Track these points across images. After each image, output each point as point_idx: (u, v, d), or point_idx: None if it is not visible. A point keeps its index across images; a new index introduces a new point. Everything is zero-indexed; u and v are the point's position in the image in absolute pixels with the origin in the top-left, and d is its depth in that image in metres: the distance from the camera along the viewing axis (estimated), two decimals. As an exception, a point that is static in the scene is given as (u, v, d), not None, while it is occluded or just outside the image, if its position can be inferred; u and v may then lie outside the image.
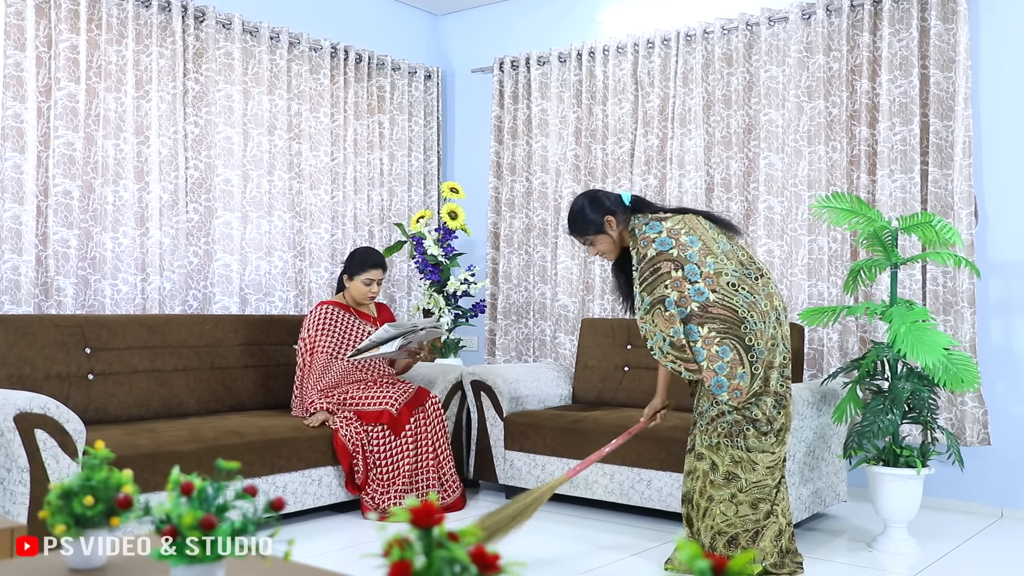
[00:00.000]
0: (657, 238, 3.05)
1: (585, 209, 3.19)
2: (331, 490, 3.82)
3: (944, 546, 3.52)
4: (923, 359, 3.16)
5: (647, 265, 3.04)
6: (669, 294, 2.96)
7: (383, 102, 5.44)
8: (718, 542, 3.02)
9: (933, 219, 3.32)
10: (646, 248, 3.05)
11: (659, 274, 3.00)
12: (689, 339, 2.93)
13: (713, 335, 2.91)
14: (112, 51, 4.21)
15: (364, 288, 4.15)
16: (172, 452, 3.26)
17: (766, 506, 3.01)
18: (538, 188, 5.34)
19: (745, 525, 3.00)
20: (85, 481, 1.27)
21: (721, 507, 3.00)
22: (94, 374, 3.69)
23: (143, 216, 4.31)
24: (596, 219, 3.17)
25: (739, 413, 2.98)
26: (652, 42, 4.91)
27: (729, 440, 3.00)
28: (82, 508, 1.25)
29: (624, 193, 3.25)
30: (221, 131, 4.59)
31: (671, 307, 2.95)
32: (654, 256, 3.02)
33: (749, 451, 2.99)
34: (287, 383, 4.34)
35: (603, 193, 3.24)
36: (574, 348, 5.11)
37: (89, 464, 1.29)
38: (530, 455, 4.15)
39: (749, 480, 2.99)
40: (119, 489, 1.28)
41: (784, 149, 4.48)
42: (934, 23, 4.10)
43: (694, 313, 2.92)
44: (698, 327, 2.92)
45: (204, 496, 1.13)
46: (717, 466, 3.02)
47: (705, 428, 3.05)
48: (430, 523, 0.90)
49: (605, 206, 3.18)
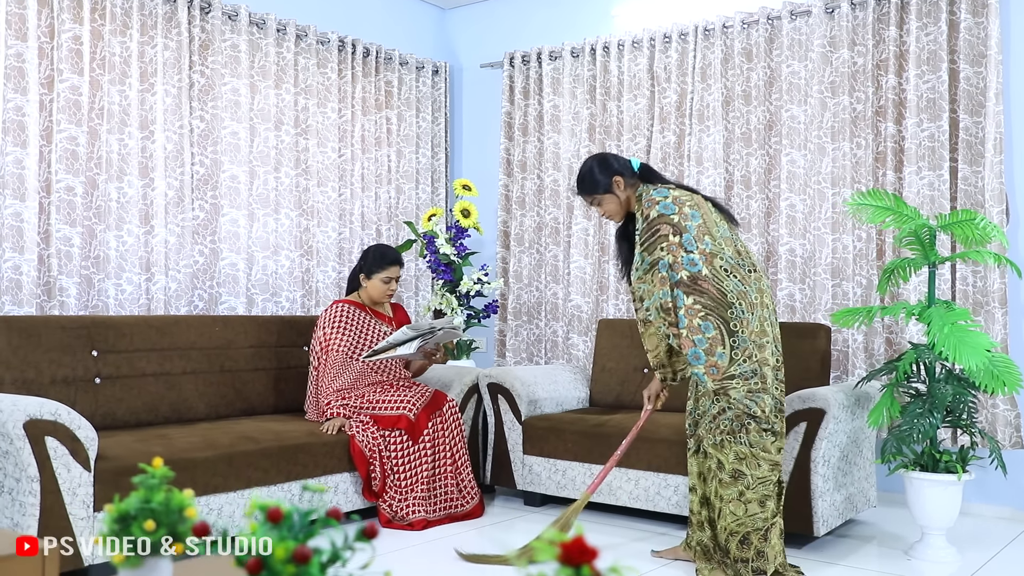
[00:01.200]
0: (662, 201, 3.06)
1: (594, 169, 3.23)
2: (347, 497, 3.68)
3: (983, 554, 3.43)
4: (966, 361, 3.06)
5: (648, 226, 3.06)
6: (664, 256, 2.98)
7: (391, 97, 5.30)
8: (731, 542, 3.00)
9: (976, 217, 3.22)
10: (649, 209, 3.07)
11: (658, 235, 3.01)
12: (675, 304, 2.95)
13: (698, 308, 2.92)
14: (116, 42, 4.05)
15: (383, 287, 4.02)
16: (187, 460, 3.12)
17: (772, 504, 2.99)
18: (550, 185, 5.22)
19: (755, 524, 2.98)
20: (144, 503, 1.14)
21: (731, 507, 2.99)
22: (101, 378, 3.54)
23: (148, 213, 4.16)
24: (604, 179, 3.20)
25: (739, 407, 2.95)
26: (669, 36, 4.80)
27: (732, 437, 2.99)
28: (142, 533, 1.12)
29: (633, 159, 3.26)
30: (227, 126, 4.44)
31: (664, 269, 2.98)
32: (655, 218, 3.04)
33: (752, 446, 2.98)
34: (298, 386, 4.20)
35: (612, 155, 3.28)
36: (587, 349, 5.00)
37: (147, 483, 1.15)
38: (550, 460, 4.03)
39: (755, 476, 2.98)
40: (181, 512, 1.15)
41: (807, 146, 4.37)
42: (964, 17, 4.00)
43: (682, 281, 2.94)
44: (684, 295, 2.94)
45: (291, 523, 1.00)
46: (723, 464, 3.01)
47: (708, 427, 3.04)
48: (583, 560, 0.77)
49: (614, 167, 3.22)
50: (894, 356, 4.17)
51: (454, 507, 3.84)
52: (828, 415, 3.34)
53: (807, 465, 3.36)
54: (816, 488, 3.35)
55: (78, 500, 2.83)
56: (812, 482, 3.35)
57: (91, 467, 2.88)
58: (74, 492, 2.82)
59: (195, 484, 3.13)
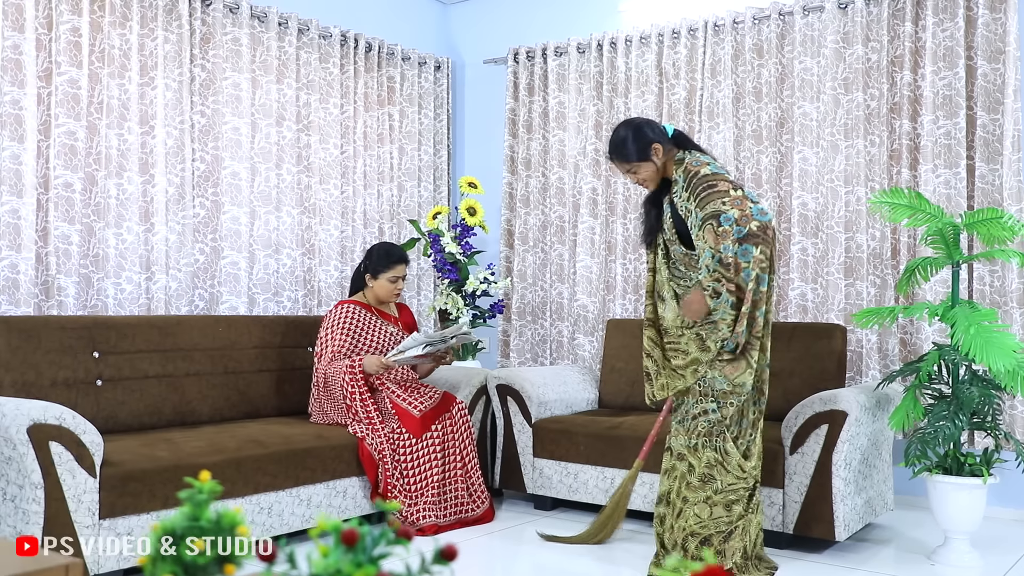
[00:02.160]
0: (712, 163, 3.02)
1: (630, 137, 3.11)
2: (356, 502, 3.59)
3: (1006, 558, 3.37)
4: (993, 362, 3.00)
5: (701, 180, 2.95)
6: (728, 210, 2.86)
7: (393, 93, 5.21)
8: (690, 543, 2.97)
9: (1003, 215, 3.16)
10: (699, 167, 2.99)
11: (715, 189, 2.91)
12: (741, 259, 2.83)
13: (763, 259, 2.84)
14: (116, 35, 3.94)
15: (390, 286, 3.93)
16: (194, 464, 3.02)
17: (739, 508, 2.96)
18: (555, 183, 5.13)
19: (719, 527, 2.96)
20: (192, 521, 1.05)
21: (695, 509, 2.96)
22: (103, 380, 3.44)
23: (148, 211, 4.05)
24: (641, 146, 3.09)
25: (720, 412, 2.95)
26: (678, 32, 4.72)
27: (708, 440, 2.96)
28: (191, 555, 1.03)
29: (668, 125, 3.18)
30: (228, 121, 4.34)
31: (727, 223, 2.84)
32: (709, 175, 2.96)
33: (727, 454, 2.95)
34: (302, 388, 4.10)
35: (647, 121, 3.17)
36: (593, 349, 4.92)
37: (195, 500, 1.06)
38: (561, 463, 3.95)
39: (724, 482, 2.95)
40: (233, 530, 1.06)
41: (819, 143, 4.31)
42: (981, 12, 3.95)
43: (752, 232, 2.83)
44: (753, 247, 2.83)
45: (365, 546, 0.91)
46: (694, 468, 2.98)
47: (687, 427, 3.00)
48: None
49: (649, 135, 3.11)
50: (908, 356, 4.11)
51: (465, 512, 3.75)
52: (850, 418, 3.27)
53: (828, 468, 3.29)
54: (837, 492, 3.28)
55: (83, 507, 2.73)
56: (833, 486, 3.28)
57: (96, 473, 2.77)
58: (79, 499, 2.72)
59: (203, 490, 3.02)
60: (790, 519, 3.37)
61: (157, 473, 2.91)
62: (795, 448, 3.37)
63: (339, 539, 0.90)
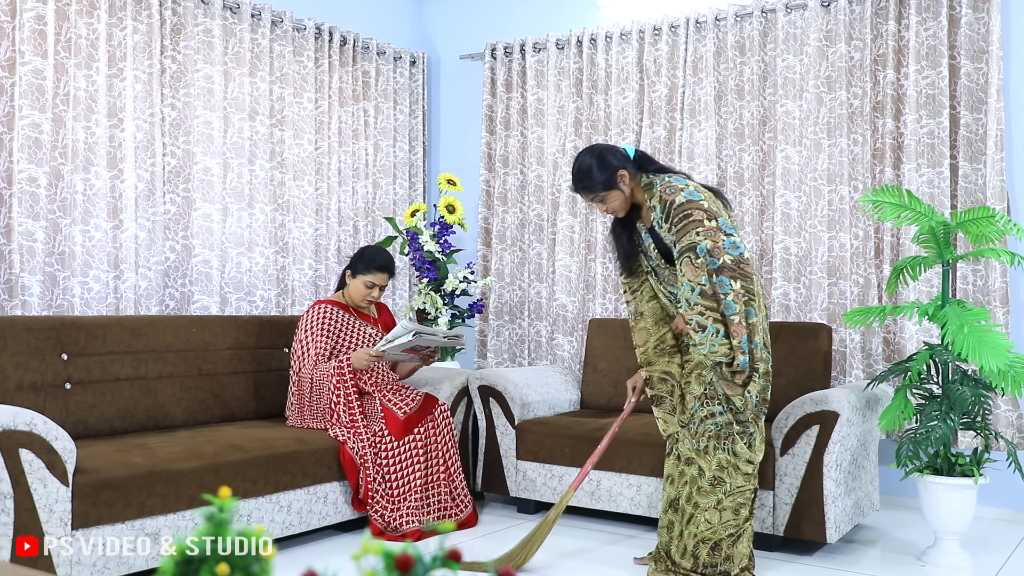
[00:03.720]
0: (685, 188, 2.91)
1: (594, 166, 3.00)
2: (337, 508, 3.48)
3: (995, 557, 3.36)
4: (986, 362, 2.98)
5: (677, 211, 2.87)
6: (701, 241, 2.79)
7: (368, 88, 5.09)
8: (701, 550, 2.92)
9: (995, 214, 3.14)
10: (672, 195, 2.90)
11: (690, 220, 2.84)
12: (719, 291, 2.77)
13: (743, 292, 2.77)
14: (83, 23, 3.79)
15: (364, 290, 3.82)
16: (171, 471, 2.89)
17: (745, 511, 2.93)
18: (533, 181, 5.06)
19: (728, 530, 2.91)
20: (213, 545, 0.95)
21: (706, 515, 2.92)
22: (72, 383, 3.29)
23: (116, 207, 3.90)
24: (607, 176, 2.98)
25: (731, 414, 2.89)
26: (659, 29, 4.67)
27: (718, 442, 2.91)
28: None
29: (627, 147, 3.08)
30: (200, 115, 4.20)
31: (702, 255, 2.79)
32: (684, 203, 2.87)
33: (736, 455, 2.90)
34: (279, 390, 3.98)
35: (608, 148, 3.05)
36: (573, 350, 4.85)
37: (216, 519, 0.96)
38: (545, 465, 3.87)
39: (734, 484, 2.91)
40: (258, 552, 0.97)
41: (802, 142, 4.28)
42: (964, 11, 3.94)
43: (726, 265, 2.77)
44: (731, 280, 2.76)
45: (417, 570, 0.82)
46: (704, 471, 2.93)
47: (695, 431, 2.94)
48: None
49: (614, 163, 2.99)
50: (891, 356, 4.10)
51: (448, 516, 3.66)
52: (842, 418, 3.23)
53: (819, 470, 3.26)
54: (828, 493, 3.25)
55: (55, 518, 2.59)
56: (824, 487, 3.25)
57: (69, 481, 2.64)
58: (51, 509, 2.58)
59: (180, 497, 2.90)
60: (780, 521, 3.33)
61: (133, 481, 2.78)
62: (785, 449, 3.33)
63: (391, 564, 0.81)
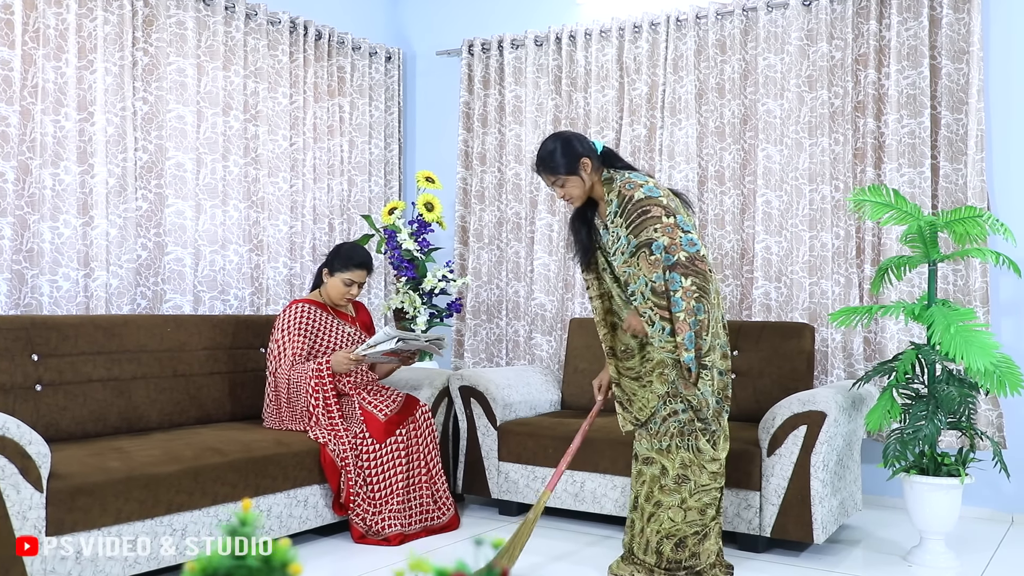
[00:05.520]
0: (645, 184, 2.93)
1: (558, 150, 3.01)
2: (317, 511, 3.40)
3: (979, 556, 3.37)
4: (973, 361, 2.98)
5: (634, 207, 2.88)
6: (658, 238, 2.82)
7: (343, 84, 5.00)
8: (665, 545, 2.92)
9: (983, 214, 3.14)
10: (632, 191, 2.91)
11: (648, 216, 2.85)
12: (670, 287, 2.79)
13: (694, 289, 2.79)
14: (51, 13, 3.67)
15: (343, 288, 3.74)
16: (149, 476, 2.80)
17: (712, 510, 2.93)
18: (511, 179, 5.00)
19: (693, 528, 2.91)
20: (237, 561, 0.89)
21: (670, 513, 2.91)
22: (43, 384, 3.17)
23: (87, 203, 3.78)
24: (570, 160, 2.98)
25: (701, 402, 2.87)
26: (639, 26, 4.64)
27: (681, 440, 2.90)
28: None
29: (597, 142, 3.08)
30: (173, 109, 4.09)
31: (658, 251, 2.81)
32: (643, 199, 2.88)
33: (700, 452, 2.89)
34: (255, 391, 3.88)
35: (576, 135, 3.07)
36: (551, 349, 4.81)
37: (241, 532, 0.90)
38: (528, 467, 3.82)
39: (699, 482, 2.90)
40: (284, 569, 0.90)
41: (783, 141, 4.27)
42: (945, 12, 3.96)
43: (680, 263, 2.79)
44: (682, 277, 2.79)
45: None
46: (667, 470, 2.92)
47: (656, 431, 2.93)
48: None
49: (579, 149, 3.00)
50: (872, 355, 4.11)
51: (430, 519, 3.60)
52: (829, 418, 3.22)
53: (806, 470, 3.24)
54: (815, 494, 3.24)
55: (29, 524, 2.49)
56: (812, 488, 3.23)
57: (43, 487, 2.54)
58: (24, 516, 2.48)
59: (158, 502, 2.81)
60: (767, 522, 3.31)
61: (110, 486, 2.68)
62: (772, 450, 3.31)
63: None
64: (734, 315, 4.39)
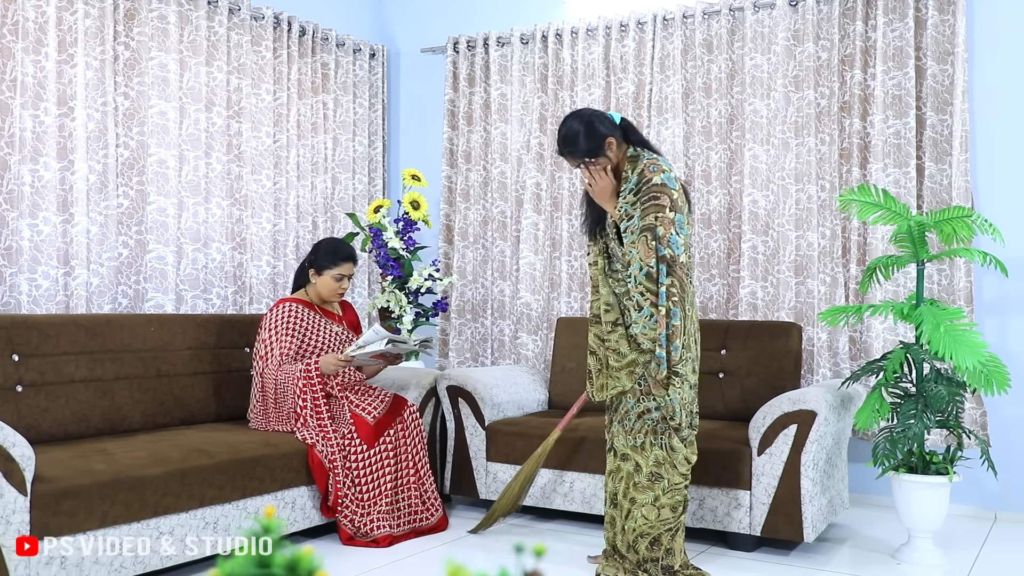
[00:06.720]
0: (667, 172, 2.89)
1: (581, 134, 2.92)
2: (305, 513, 3.36)
3: (966, 553, 3.39)
4: (962, 361, 3.00)
5: (649, 189, 2.86)
6: (657, 226, 2.81)
7: (327, 81, 4.95)
8: (640, 544, 2.93)
9: (971, 214, 3.16)
10: (654, 173, 2.87)
11: (656, 203, 2.83)
12: (660, 278, 2.79)
13: (674, 291, 2.79)
14: (30, 6, 3.59)
15: (334, 285, 3.70)
16: (135, 478, 2.75)
17: (681, 508, 2.95)
18: (497, 177, 4.98)
19: (667, 526, 2.92)
20: (262, 569, 0.86)
21: (643, 511, 2.91)
22: (23, 385, 3.11)
23: (67, 200, 3.71)
24: (595, 143, 2.90)
25: (668, 409, 2.87)
26: (625, 25, 4.63)
27: (655, 438, 2.90)
28: (264, 609, 0.84)
29: (613, 114, 3.03)
30: (155, 105, 4.02)
31: (654, 240, 2.81)
32: (660, 184, 2.85)
33: (673, 450, 2.90)
34: (241, 391, 3.83)
35: (596, 114, 2.98)
36: (537, 348, 4.79)
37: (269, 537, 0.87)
38: (516, 467, 3.79)
39: (672, 481, 2.91)
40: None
41: (770, 141, 4.28)
42: (931, 13, 3.98)
43: (664, 258, 2.79)
44: (665, 273, 2.79)
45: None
46: (641, 467, 2.92)
47: (631, 428, 2.93)
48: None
49: (602, 131, 2.92)
50: (858, 354, 4.13)
51: (418, 520, 3.57)
52: (819, 417, 3.23)
53: (797, 469, 3.24)
54: (806, 492, 3.24)
55: (12, 529, 2.43)
56: (802, 486, 3.24)
57: (27, 491, 2.48)
58: (7, 520, 2.42)
59: (145, 505, 2.76)
60: (757, 521, 3.31)
61: (95, 489, 2.63)
62: (763, 449, 3.31)
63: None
64: (721, 315, 4.39)
